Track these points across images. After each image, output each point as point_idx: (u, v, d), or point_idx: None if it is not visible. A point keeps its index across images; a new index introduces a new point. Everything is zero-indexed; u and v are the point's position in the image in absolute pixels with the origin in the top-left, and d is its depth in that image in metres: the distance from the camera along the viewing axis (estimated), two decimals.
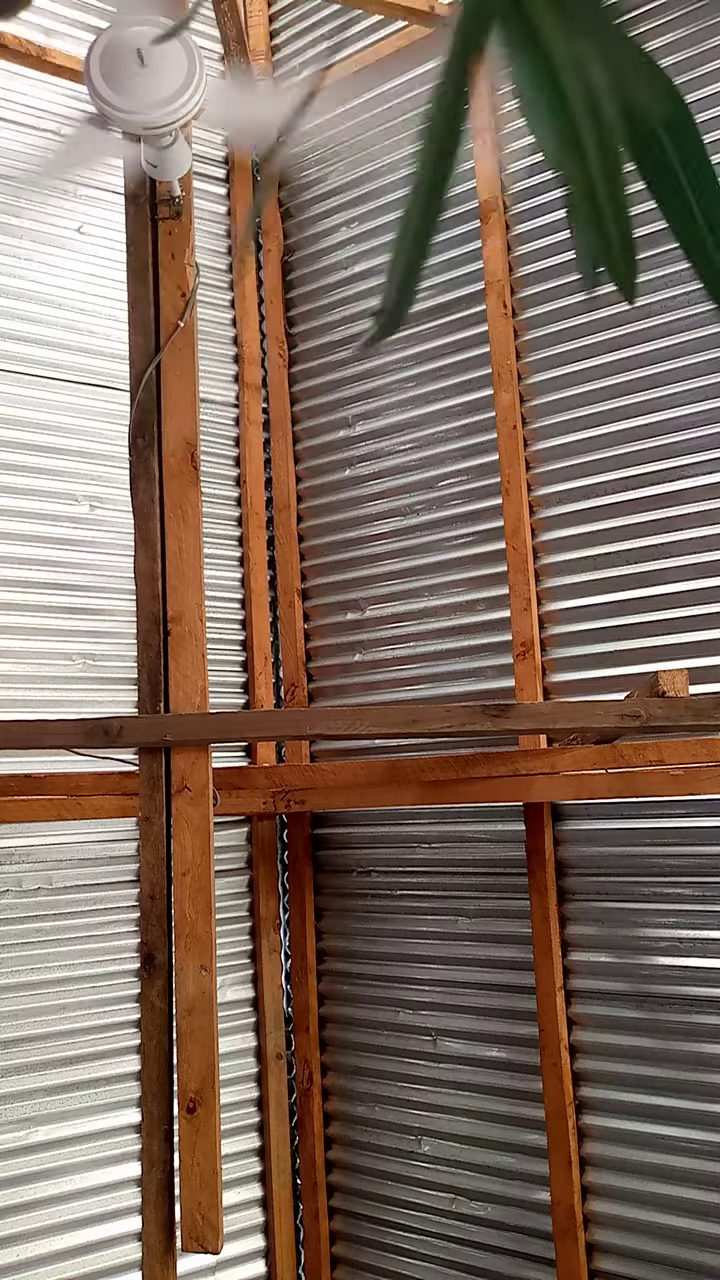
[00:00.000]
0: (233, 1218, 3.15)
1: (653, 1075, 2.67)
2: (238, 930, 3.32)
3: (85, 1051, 2.96)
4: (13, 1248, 2.79)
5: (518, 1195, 2.89)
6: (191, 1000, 2.15)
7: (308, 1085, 3.28)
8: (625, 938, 2.75)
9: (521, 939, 2.91)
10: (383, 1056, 3.18)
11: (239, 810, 3.20)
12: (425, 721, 2.27)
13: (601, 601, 2.86)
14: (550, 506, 2.98)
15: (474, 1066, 3.00)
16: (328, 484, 3.49)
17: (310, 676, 3.48)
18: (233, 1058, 3.23)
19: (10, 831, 2.93)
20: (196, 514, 2.35)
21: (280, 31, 3.69)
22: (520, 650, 2.94)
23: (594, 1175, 2.74)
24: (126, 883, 3.09)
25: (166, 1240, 2.15)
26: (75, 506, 3.20)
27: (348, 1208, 3.22)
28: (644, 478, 2.81)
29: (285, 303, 3.63)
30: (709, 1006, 2.60)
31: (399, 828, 3.22)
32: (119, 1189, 2.95)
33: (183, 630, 2.31)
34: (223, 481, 3.53)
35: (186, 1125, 2.11)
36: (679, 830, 2.69)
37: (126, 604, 3.18)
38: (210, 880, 2.20)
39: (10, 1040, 2.87)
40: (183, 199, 2.42)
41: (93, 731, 2.30)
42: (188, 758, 2.26)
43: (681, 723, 2.15)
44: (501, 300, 3.06)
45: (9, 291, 3.17)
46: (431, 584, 3.22)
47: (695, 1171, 2.59)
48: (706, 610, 2.69)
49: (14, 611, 3.06)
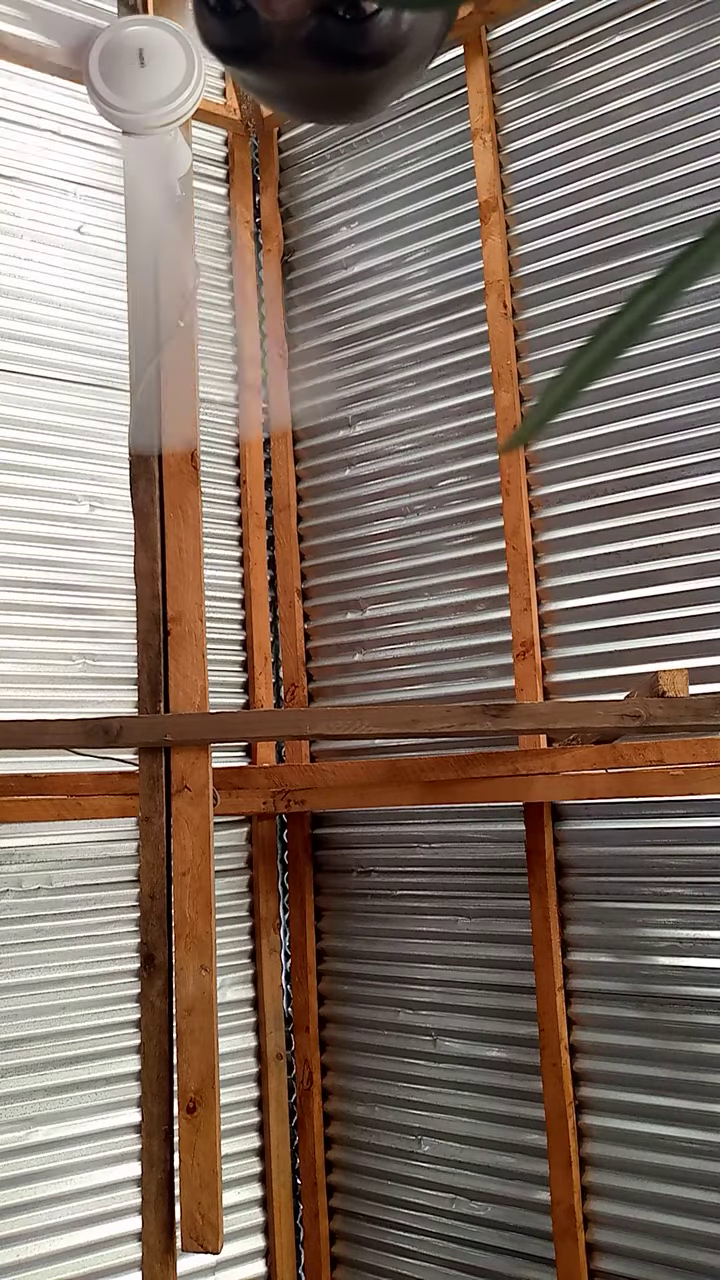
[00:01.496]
0: (233, 1218, 3.15)
1: (653, 1075, 2.67)
2: (238, 930, 3.32)
3: (85, 1051, 2.96)
4: (13, 1248, 2.79)
5: (518, 1195, 2.89)
6: (191, 1000, 2.15)
7: (308, 1085, 3.28)
8: (625, 938, 2.75)
9: (521, 939, 2.91)
10: (383, 1056, 3.18)
11: (239, 810, 3.20)
12: (425, 721, 2.27)
13: (601, 601, 2.86)
14: (550, 506, 2.98)
15: (474, 1066, 3.00)
16: (328, 484, 3.49)
17: (310, 676, 3.48)
18: (233, 1058, 3.23)
19: (10, 831, 2.93)
20: (196, 514, 2.35)
21: None
22: (520, 650, 2.94)
23: (594, 1175, 2.74)
24: (126, 883, 3.09)
25: (166, 1240, 2.15)
26: (75, 506, 3.20)
27: (348, 1208, 3.22)
28: (644, 478, 2.81)
29: (285, 303, 3.63)
30: (709, 1006, 2.60)
31: (399, 828, 3.22)
32: (119, 1189, 2.95)
33: (183, 630, 2.31)
34: (223, 481, 3.53)
35: (186, 1125, 2.11)
36: (679, 830, 2.69)
37: (126, 604, 3.18)
38: (210, 880, 2.20)
39: (10, 1040, 2.87)
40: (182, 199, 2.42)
41: (93, 731, 2.30)
42: (188, 758, 2.27)
43: (681, 723, 2.15)
44: (501, 300, 3.06)
45: (9, 291, 3.17)
46: (431, 584, 3.22)
47: (695, 1171, 2.59)
48: (706, 610, 2.69)
49: (14, 611, 3.06)
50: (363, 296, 3.42)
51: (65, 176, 3.30)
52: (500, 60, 3.14)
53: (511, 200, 3.09)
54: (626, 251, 2.85)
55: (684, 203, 2.76)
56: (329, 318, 3.51)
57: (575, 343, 2.95)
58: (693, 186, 2.75)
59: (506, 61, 3.12)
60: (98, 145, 3.36)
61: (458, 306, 3.20)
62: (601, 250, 2.90)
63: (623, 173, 2.86)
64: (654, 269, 2.80)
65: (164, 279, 2.27)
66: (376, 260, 3.39)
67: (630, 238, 2.85)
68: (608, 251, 2.89)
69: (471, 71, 3.15)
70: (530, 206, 3.05)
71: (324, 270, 3.53)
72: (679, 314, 2.75)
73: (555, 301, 2.99)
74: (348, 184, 3.48)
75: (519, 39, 3.09)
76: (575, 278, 2.95)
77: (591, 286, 2.92)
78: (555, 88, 3.00)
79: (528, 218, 3.05)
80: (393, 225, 3.35)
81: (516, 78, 3.10)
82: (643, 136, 2.83)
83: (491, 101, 3.12)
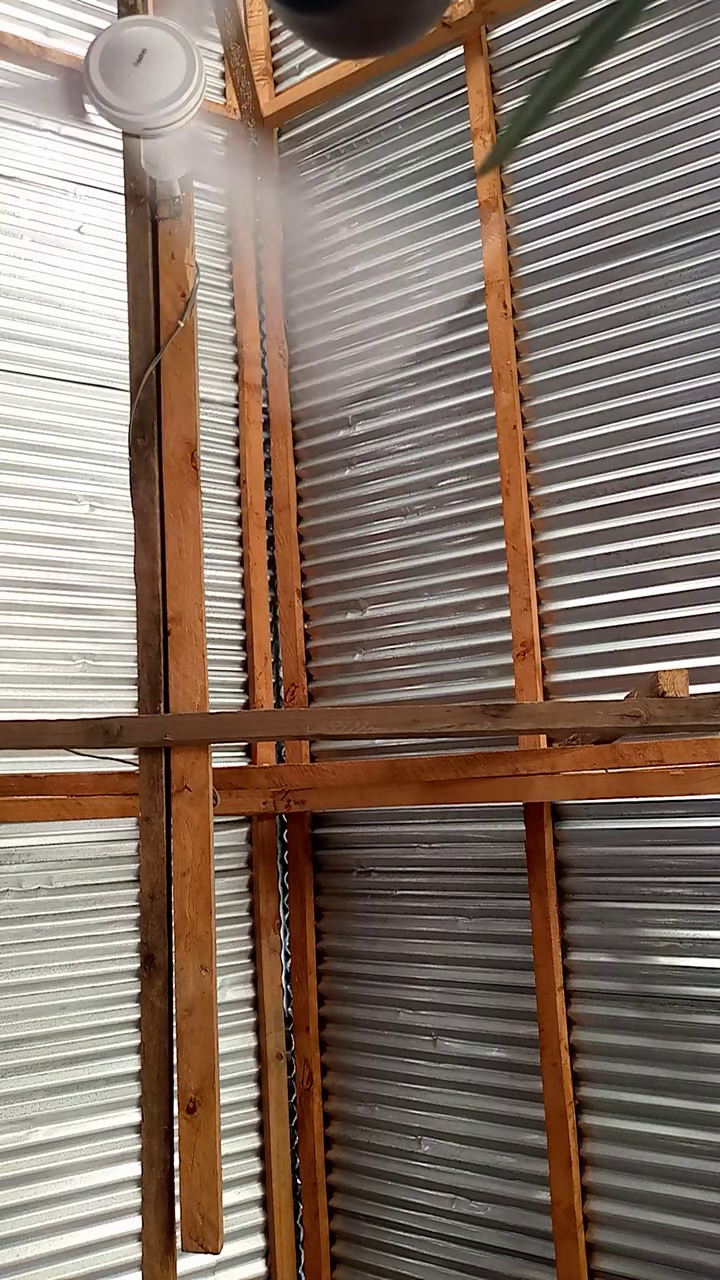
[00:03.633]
0: (233, 1218, 3.15)
1: (653, 1075, 2.67)
2: (238, 930, 3.32)
3: (85, 1051, 2.96)
4: (13, 1248, 2.79)
5: (518, 1195, 2.89)
6: (191, 1000, 2.15)
7: (308, 1085, 3.28)
8: (625, 938, 2.75)
9: (521, 939, 2.91)
10: (383, 1056, 3.18)
11: (239, 810, 3.20)
12: (425, 721, 2.26)
13: (601, 601, 2.86)
14: (550, 506, 2.98)
15: (474, 1066, 3.00)
16: (328, 484, 3.49)
17: (310, 676, 3.48)
18: (233, 1058, 3.23)
19: (10, 831, 2.93)
20: (196, 514, 2.35)
21: (280, 31, 3.69)
22: (520, 650, 2.94)
23: (594, 1175, 2.74)
24: (126, 883, 3.09)
25: (166, 1240, 2.15)
26: (75, 506, 3.20)
27: (348, 1208, 3.22)
28: (644, 478, 2.81)
29: (285, 302, 3.63)
30: (709, 1006, 2.60)
31: (399, 828, 3.22)
32: (119, 1189, 2.95)
33: (183, 630, 2.31)
34: (223, 481, 3.53)
35: (186, 1125, 2.12)
36: (679, 830, 2.69)
37: (126, 604, 3.18)
38: (210, 880, 2.20)
39: (10, 1040, 2.87)
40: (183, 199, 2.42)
41: (93, 731, 2.30)
42: (188, 758, 2.27)
43: (681, 723, 2.15)
44: (501, 300, 3.06)
45: (9, 291, 3.17)
46: (431, 584, 3.22)
47: (695, 1171, 2.59)
48: (706, 610, 2.69)
49: (14, 611, 3.06)
50: (363, 296, 3.42)
51: (65, 176, 3.30)
52: (500, 60, 3.14)
53: (511, 200, 3.09)
54: (626, 251, 2.85)
55: (684, 203, 2.76)
56: (329, 318, 3.51)
57: (575, 343, 2.95)
58: (693, 186, 2.75)
59: (506, 61, 3.12)
60: (98, 145, 3.36)
61: (458, 306, 3.20)
62: (601, 250, 2.90)
63: (623, 173, 2.86)
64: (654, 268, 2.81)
65: None
66: (376, 260, 3.39)
67: (630, 238, 2.85)
68: (608, 251, 2.89)
69: (471, 71, 3.15)
70: (530, 206, 3.05)
71: (324, 270, 3.53)
72: (679, 314, 2.76)
73: (555, 301, 2.99)
74: (348, 184, 3.48)
75: (519, 39, 3.09)
76: (575, 278, 2.95)
77: (591, 286, 2.92)
78: None
79: (528, 218, 3.05)
80: (393, 225, 3.35)
81: (516, 78, 3.10)
82: (643, 136, 2.83)
83: (491, 101, 3.12)
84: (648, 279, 2.82)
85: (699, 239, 2.74)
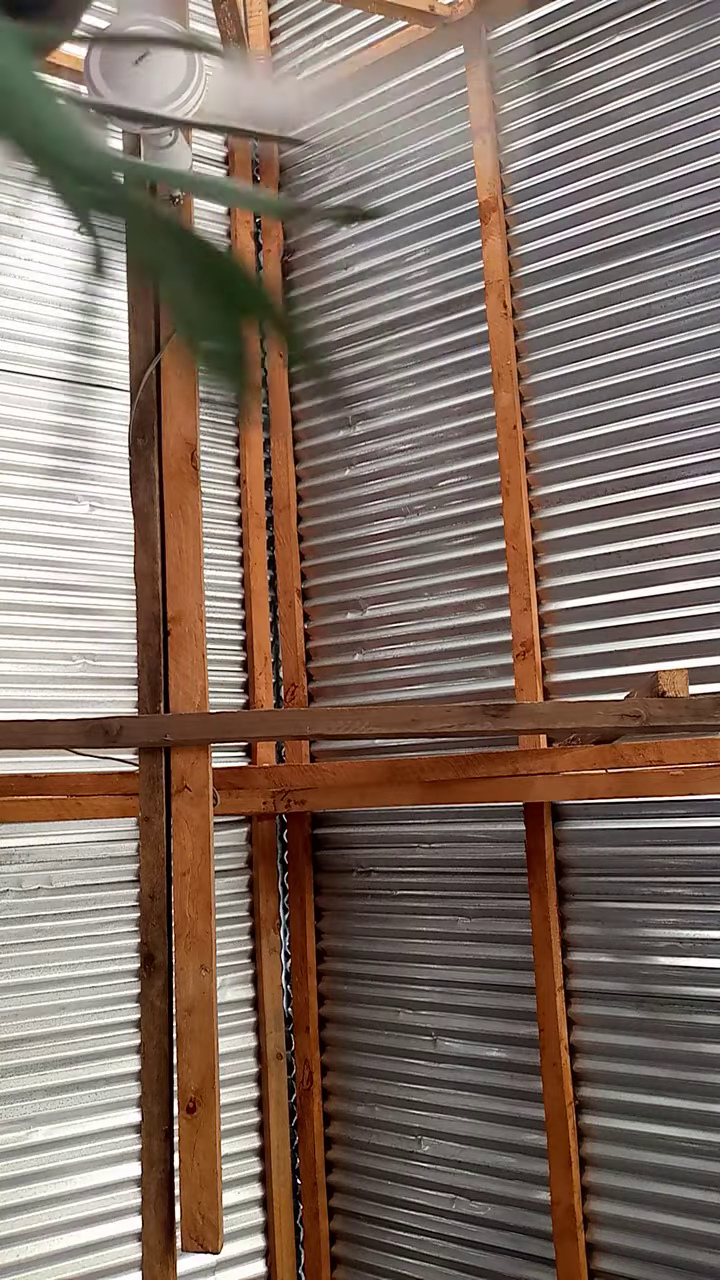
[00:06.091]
0: (233, 1218, 3.15)
1: (653, 1075, 2.67)
2: (238, 930, 3.32)
3: (85, 1051, 2.96)
4: (13, 1248, 2.79)
5: (518, 1195, 2.89)
6: (191, 1000, 2.15)
7: (308, 1085, 3.28)
8: (625, 938, 2.75)
9: (521, 939, 2.91)
10: (383, 1056, 3.18)
11: (239, 810, 3.20)
12: (425, 721, 2.26)
13: (601, 601, 2.86)
14: (550, 506, 2.98)
15: (474, 1066, 3.00)
16: (328, 484, 3.49)
17: (310, 676, 3.48)
18: (233, 1058, 3.23)
19: (10, 831, 2.93)
20: (196, 514, 2.35)
21: (280, 31, 3.69)
22: (520, 650, 2.94)
23: (594, 1175, 2.74)
24: (126, 883, 3.09)
25: (166, 1240, 2.15)
26: (75, 506, 3.20)
27: (348, 1208, 3.22)
28: (644, 478, 2.81)
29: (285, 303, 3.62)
30: (709, 1006, 2.60)
31: (399, 828, 3.22)
32: (119, 1189, 2.95)
33: (183, 630, 2.31)
34: (223, 481, 3.53)
35: (186, 1125, 2.11)
36: (679, 830, 2.69)
37: (126, 604, 3.18)
38: (210, 880, 2.20)
39: (10, 1040, 2.87)
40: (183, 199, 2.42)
41: (93, 731, 2.30)
42: (188, 758, 2.27)
43: (681, 723, 2.15)
44: (501, 300, 3.06)
45: (9, 291, 3.17)
46: (431, 584, 3.22)
47: (695, 1171, 2.59)
48: (706, 610, 2.69)
49: (14, 611, 3.06)
50: (363, 296, 3.42)
51: None
52: (500, 60, 3.14)
53: (511, 200, 3.09)
54: (626, 251, 2.85)
55: (684, 203, 2.76)
56: (329, 318, 3.51)
57: (575, 343, 2.95)
58: (693, 186, 2.75)
59: (506, 61, 3.12)
60: None
61: (458, 306, 3.20)
62: (601, 250, 2.90)
63: (623, 173, 2.86)
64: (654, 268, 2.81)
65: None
66: (376, 260, 3.39)
67: (630, 238, 2.85)
68: (608, 251, 2.89)
69: (472, 71, 3.15)
70: (530, 206, 3.05)
71: (324, 270, 3.53)
72: (679, 314, 2.76)
73: (555, 301, 2.99)
74: (348, 184, 3.48)
75: (519, 39, 3.09)
76: (575, 278, 2.95)
77: (591, 286, 2.92)
78: (555, 87, 3.00)
79: (528, 218, 3.05)
80: (393, 225, 3.35)
81: (516, 78, 3.10)
82: (643, 136, 2.83)
83: (492, 101, 3.12)
84: (648, 279, 2.82)
85: (699, 239, 2.74)
